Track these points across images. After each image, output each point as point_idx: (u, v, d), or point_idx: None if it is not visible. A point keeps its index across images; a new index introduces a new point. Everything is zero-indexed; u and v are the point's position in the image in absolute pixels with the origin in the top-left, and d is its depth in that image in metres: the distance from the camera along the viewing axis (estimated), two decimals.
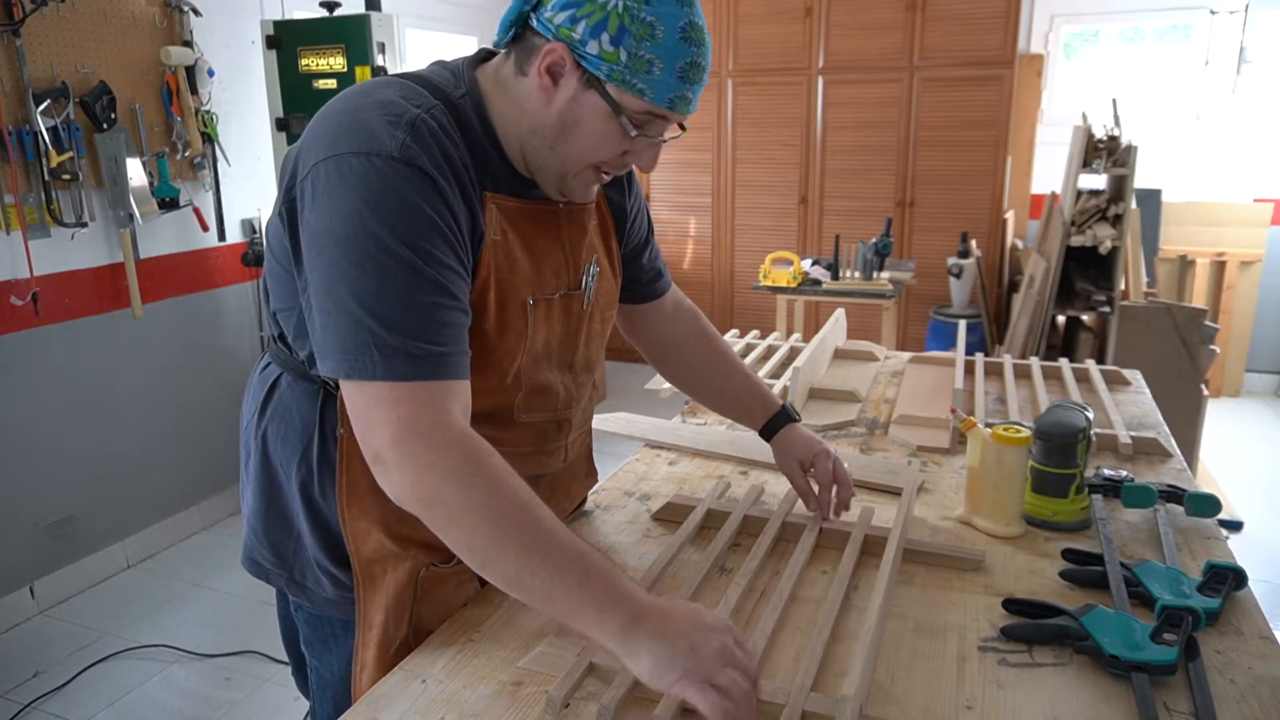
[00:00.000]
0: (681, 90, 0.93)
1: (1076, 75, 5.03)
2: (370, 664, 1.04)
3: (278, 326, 1.06)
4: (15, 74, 2.66)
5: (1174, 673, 0.92)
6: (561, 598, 0.83)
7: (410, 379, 0.85)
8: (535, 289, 1.04)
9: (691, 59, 0.92)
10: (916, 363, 2.12)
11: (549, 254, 1.06)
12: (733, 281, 5.23)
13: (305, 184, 0.90)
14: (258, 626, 2.74)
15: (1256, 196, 4.76)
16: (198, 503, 3.46)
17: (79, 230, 2.86)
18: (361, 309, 0.85)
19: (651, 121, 0.95)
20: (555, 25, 0.91)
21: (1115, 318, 3.42)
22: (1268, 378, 4.97)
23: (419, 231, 0.87)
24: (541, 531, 0.84)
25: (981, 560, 1.17)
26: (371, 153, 0.87)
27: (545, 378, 1.09)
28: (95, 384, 3.04)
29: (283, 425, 1.06)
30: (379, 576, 1.04)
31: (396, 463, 0.85)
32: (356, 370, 0.86)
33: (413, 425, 0.85)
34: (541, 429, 1.13)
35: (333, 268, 0.87)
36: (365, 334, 0.85)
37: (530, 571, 0.83)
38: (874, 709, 0.89)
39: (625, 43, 0.89)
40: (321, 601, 1.10)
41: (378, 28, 3.12)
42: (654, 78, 0.91)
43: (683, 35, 0.91)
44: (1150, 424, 1.70)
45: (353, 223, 0.86)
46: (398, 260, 0.86)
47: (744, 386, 1.34)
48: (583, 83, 0.92)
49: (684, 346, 1.35)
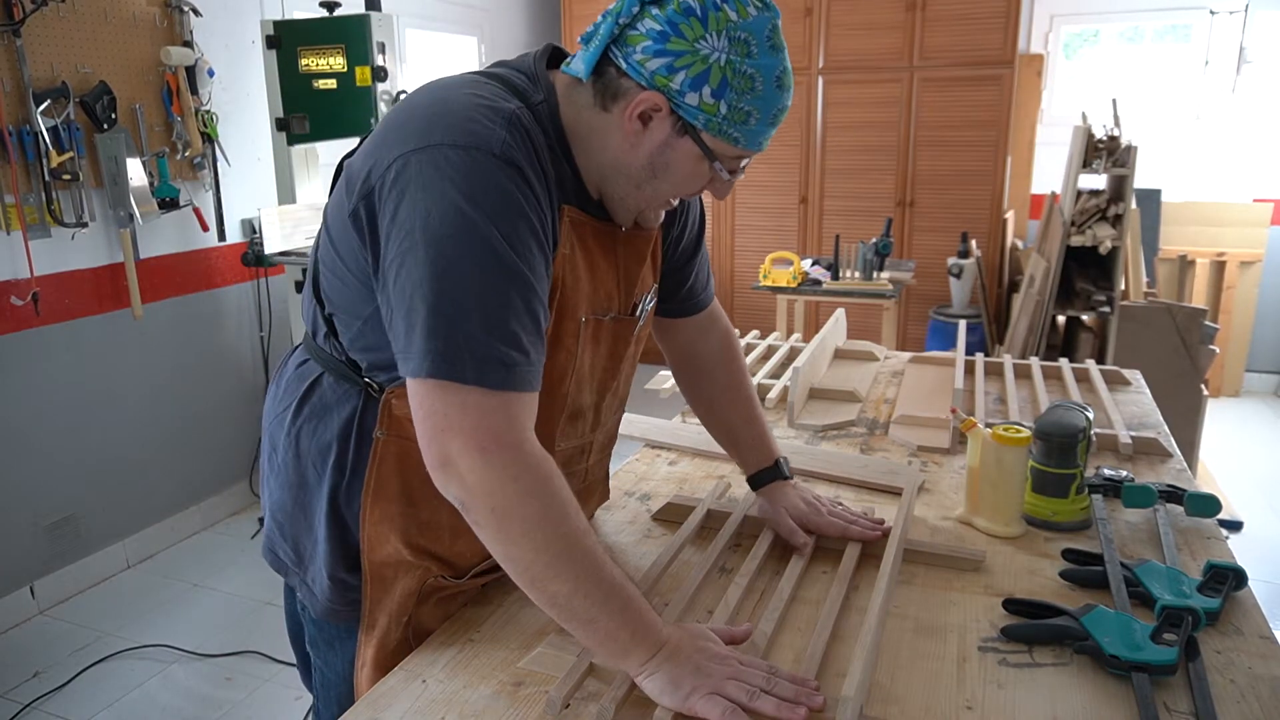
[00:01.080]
0: (769, 133, 0.94)
1: (1076, 75, 5.03)
2: (369, 663, 1.04)
3: (326, 327, 1.02)
4: (15, 74, 2.66)
5: (1174, 673, 0.92)
6: (601, 624, 0.86)
7: (500, 388, 0.83)
8: (591, 308, 1.03)
9: (783, 104, 0.93)
10: (916, 363, 2.12)
11: (606, 275, 1.05)
12: (733, 281, 5.23)
13: (388, 176, 0.86)
14: (258, 626, 2.74)
15: (1256, 196, 4.76)
16: (198, 503, 3.46)
17: (79, 230, 2.87)
18: (457, 309, 0.82)
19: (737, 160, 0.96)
20: (650, 71, 0.89)
21: (1115, 318, 3.42)
22: (1268, 378, 4.97)
23: (519, 231, 0.85)
24: (596, 558, 0.86)
25: (982, 560, 1.17)
26: (470, 146, 0.84)
27: (583, 400, 1.08)
28: (95, 384, 3.04)
29: (320, 426, 1.03)
30: (389, 580, 1.03)
31: (474, 469, 0.83)
32: (445, 371, 0.82)
33: (501, 436, 0.83)
34: (568, 454, 1.12)
35: (427, 265, 0.82)
36: (460, 335, 0.82)
37: (583, 594, 0.85)
38: (874, 709, 0.89)
39: (727, 96, 0.88)
40: (325, 610, 1.09)
41: (378, 28, 3.12)
42: (750, 128, 0.91)
43: (778, 84, 0.91)
44: (1150, 424, 1.70)
45: (452, 218, 0.82)
46: (499, 261, 0.83)
47: (746, 427, 1.29)
48: (676, 130, 0.91)
49: (706, 368, 1.30)
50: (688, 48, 0.87)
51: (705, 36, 0.87)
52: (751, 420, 1.30)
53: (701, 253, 1.26)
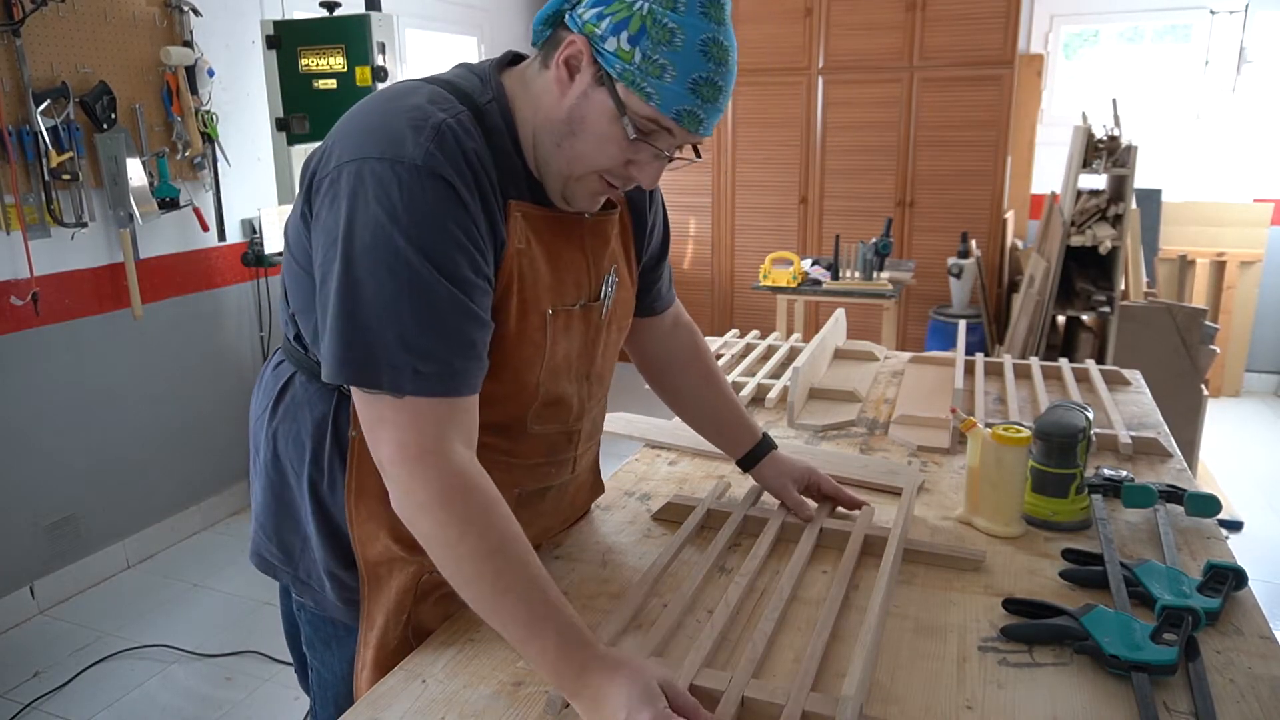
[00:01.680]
0: (691, 105, 0.90)
1: (1076, 75, 5.03)
2: (369, 663, 1.04)
3: (294, 327, 1.05)
4: (15, 74, 2.66)
5: (1174, 672, 0.92)
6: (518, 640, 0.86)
7: (416, 394, 0.86)
8: (556, 300, 1.03)
9: (708, 75, 0.90)
10: (916, 363, 2.12)
11: (571, 264, 1.05)
12: (733, 281, 5.23)
13: (324, 184, 0.90)
14: (258, 626, 2.74)
15: (1256, 196, 4.76)
16: (198, 503, 3.46)
17: (79, 230, 2.86)
18: (374, 320, 0.85)
19: (657, 132, 0.93)
20: (582, 20, 0.91)
21: (1115, 318, 3.42)
22: (1268, 378, 4.97)
23: (439, 244, 0.87)
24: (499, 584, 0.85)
25: (982, 560, 1.17)
26: (395, 159, 0.86)
27: (561, 389, 1.09)
28: (95, 384, 3.04)
29: (294, 425, 1.05)
30: (384, 578, 1.04)
31: (391, 478, 0.88)
32: (363, 380, 0.87)
33: (408, 449, 0.86)
34: (552, 440, 1.12)
35: (347, 274, 0.86)
36: (376, 346, 0.86)
37: (485, 616, 0.87)
38: (874, 709, 0.89)
39: (642, 44, 0.88)
40: (325, 603, 1.10)
41: (378, 28, 3.12)
42: (664, 84, 0.89)
43: (703, 49, 0.89)
44: (1150, 424, 1.70)
45: (372, 231, 0.85)
46: (415, 274, 0.85)
47: (731, 412, 1.34)
48: (595, 79, 0.91)
49: (679, 364, 1.34)
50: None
51: None
52: (731, 407, 1.34)
53: (667, 255, 1.29)
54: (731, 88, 0.94)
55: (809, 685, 0.88)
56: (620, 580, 1.16)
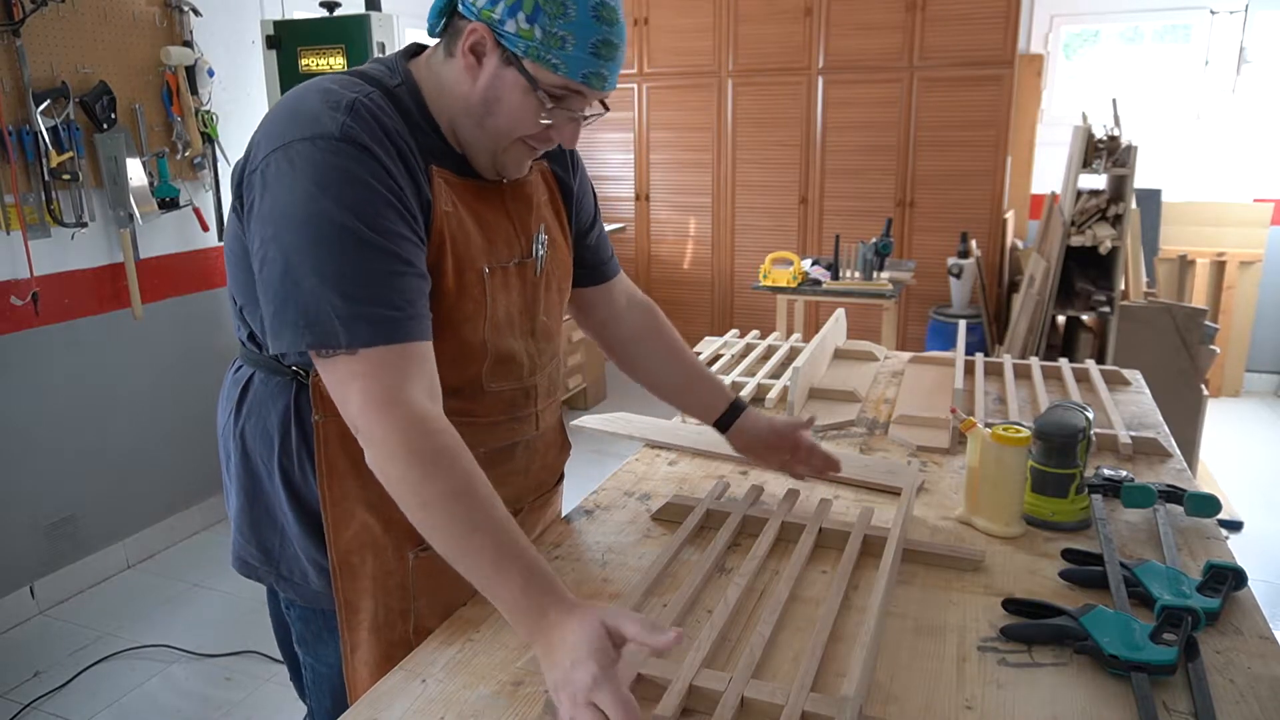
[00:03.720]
0: (595, 66, 0.97)
1: (1076, 75, 5.03)
2: (364, 646, 1.06)
3: (245, 327, 1.09)
4: (15, 74, 2.66)
5: (1174, 673, 0.92)
6: (480, 586, 0.89)
7: (371, 344, 0.90)
8: (489, 258, 1.08)
9: (604, 36, 0.96)
10: (916, 363, 2.12)
11: (498, 226, 1.10)
12: (733, 281, 5.23)
13: (255, 177, 0.95)
14: (258, 626, 2.74)
15: (1256, 196, 4.76)
16: (198, 503, 3.46)
17: (79, 230, 2.87)
18: (321, 283, 0.90)
19: (569, 96, 0.99)
20: (478, 8, 0.96)
21: (1115, 318, 3.42)
22: (1268, 378, 4.97)
23: (368, 204, 0.92)
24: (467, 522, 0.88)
25: (981, 560, 1.17)
26: (315, 136, 0.92)
27: (509, 345, 1.12)
28: (95, 384, 3.04)
29: (260, 421, 1.08)
30: (357, 566, 1.06)
31: (361, 432, 0.91)
32: (320, 340, 0.90)
33: (373, 397, 0.89)
34: (510, 397, 1.16)
35: (290, 249, 0.91)
36: (326, 306, 0.90)
37: (453, 557, 0.89)
38: (874, 709, 0.89)
39: (540, 20, 0.94)
40: (311, 595, 1.11)
41: (378, 28, 3.12)
42: (567, 53, 0.95)
43: (594, 14, 0.95)
44: (1150, 424, 1.70)
45: (305, 204, 0.90)
46: (350, 234, 0.90)
47: (699, 379, 1.37)
48: (503, 60, 0.97)
49: (639, 339, 1.38)
50: None
51: None
52: (699, 375, 1.38)
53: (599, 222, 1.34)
54: (625, 42, 1.01)
55: (809, 685, 0.88)
56: (620, 580, 1.16)
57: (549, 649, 0.84)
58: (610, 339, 1.38)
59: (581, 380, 4.68)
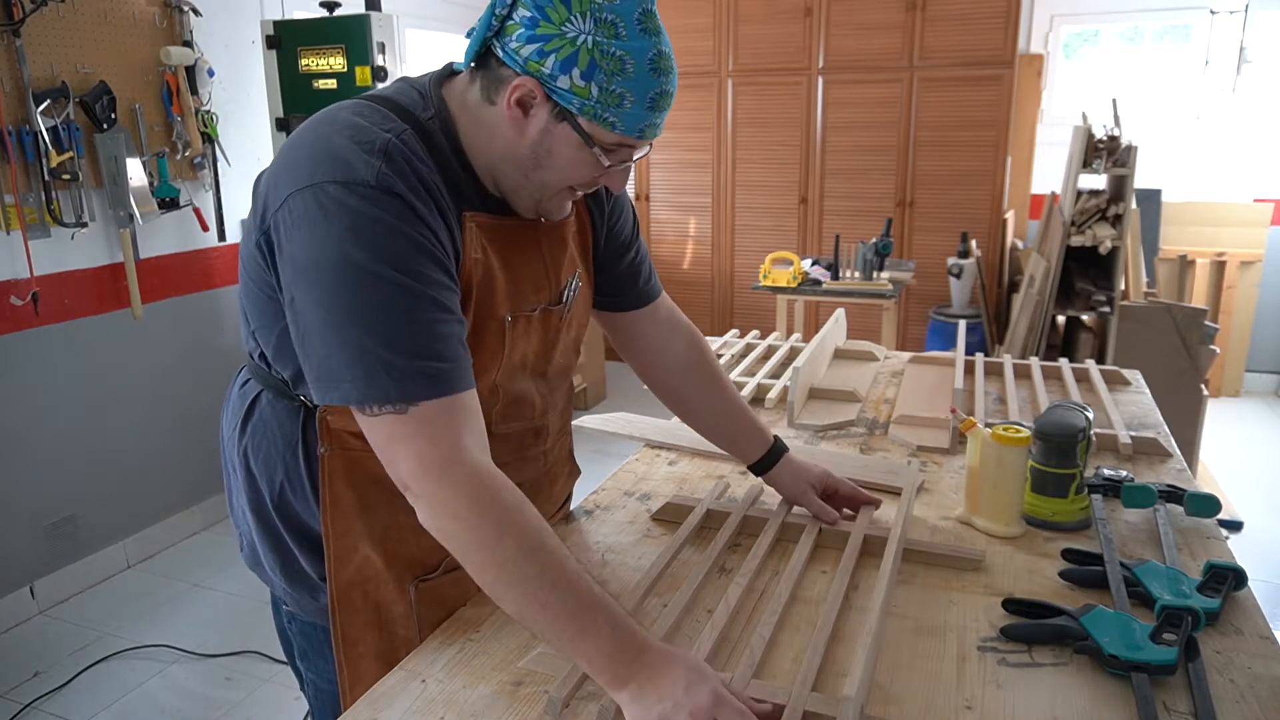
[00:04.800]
0: (651, 119, 0.93)
1: (1076, 75, 5.03)
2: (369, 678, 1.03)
3: (257, 345, 1.05)
4: (15, 74, 2.66)
5: (1174, 673, 0.92)
6: (560, 645, 0.85)
7: (426, 398, 0.86)
8: (513, 306, 1.04)
9: (661, 88, 0.92)
10: (916, 363, 2.12)
11: (529, 270, 1.06)
12: (733, 281, 5.23)
13: (282, 214, 0.89)
14: (258, 626, 2.74)
15: (1256, 196, 4.76)
16: (198, 503, 3.46)
17: (79, 230, 2.86)
18: (366, 336, 0.85)
19: (621, 149, 0.96)
20: (523, 58, 0.90)
21: (1115, 318, 3.42)
22: (1268, 378, 4.97)
23: (405, 254, 0.87)
24: (545, 580, 0.84)
25: (981, 560, 1.17)
26: (349, 182, 0.86)
27: (521, 388, 1.10)
28: (95, 384, 3.04)
29: (264, 442, 1.05)
30: (356, 601, 1.04)
31: (418, 495, 0.87)
32: (371, 397, 0.85)
33: (428, 460, 0.85)
34: (520, 438, 1.13)
35: (328, 298, 0.86)
36: (374, 360, 0.85)
37: (531, 617, 0.85)
38: (874, 709, 0.89)
39: (596, 78, 0.89)
40: (313, 610, 1.10)
41: (378, 28, 3.12)
42: (625, 111, 0.91)
43: (652, 66, 0.91)
44: (1150, 424, 1.70)
45: (340, 253, 0.85)
46: (391, 284, 0.86)
47: (741, 418, 1.30)
48: (554, 115, 0.92)
49: (680, 369, 1.30)
50: (555, 31, 0.88)
51: (571, 19, 0.88)
52: (740, 412, 1.31)
53: (640, 242, 1.26)
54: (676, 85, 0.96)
55: (810, 685, 0.88)
56: (620, 580, 1.16)
57: (652, 679, 0.83)
58: (649, 367, 1.31)
59: (581, 380, 4.68)
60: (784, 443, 1.31)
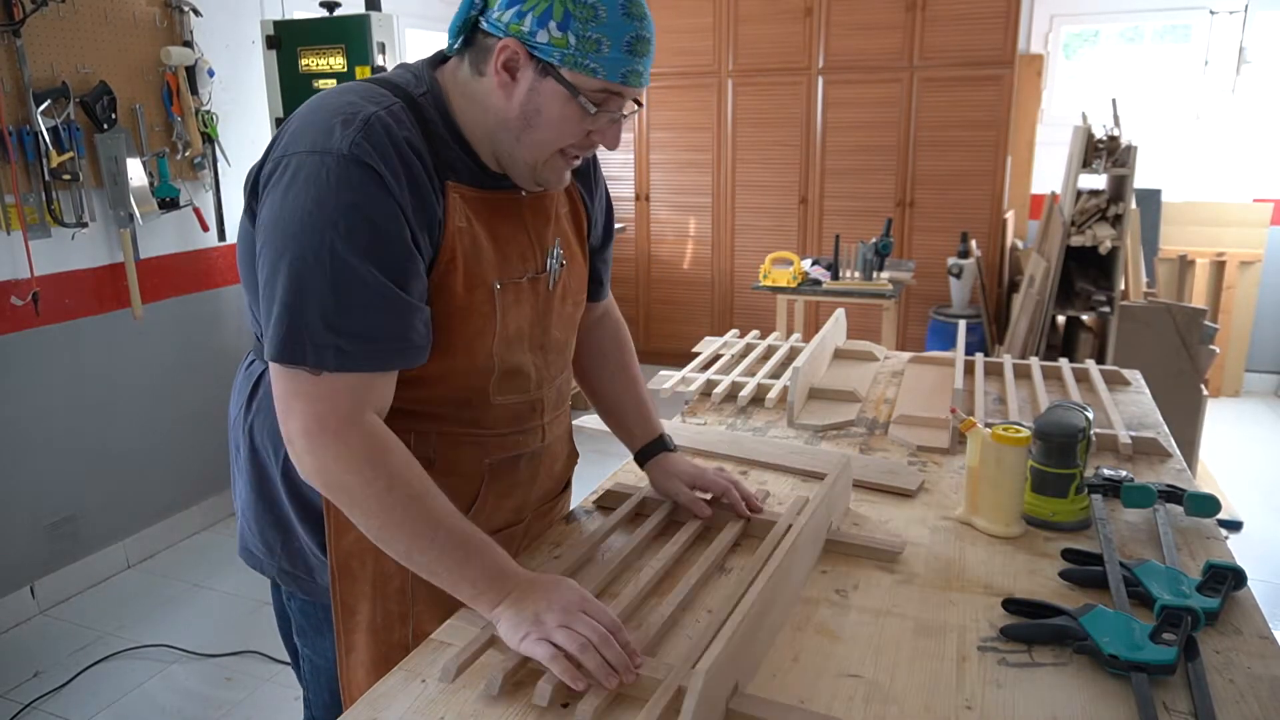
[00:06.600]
0: (631, 64, 0.97)
1: (1076, 75, 5.03)
2: (360, 648, 1.06)
3: (256, 323, 1.09)
4: (15, 74, 2.66)
5: (1173, 673, 0.92)
6: (444, 576, 0.95)
7: (333, 370, 0.92)
8: (501, 273, 1.07)
9: (636, 32, 0.97)
10: (916, 363, 2.12)
11: (513, 240, 1.09)
12: (733, 281, 5.23)
13: (265, 182, 0.96)
14: (258, 626, 2.74)
15: (1256, 196, 4.76)
16: (198, 503, 3.46)
17: (79, 230, 2.87)
18: (298, 300, 0.91)
19: (609, 99, 0.99)
20: (504, 23, 0.95)
21: (1115, 318, 3.42)
22: (1268, 378, 4.97)
23: (362, 230, 0.92)
24: (431, 520, 0.93)
25: (901, 551, 1.18)
26: (323, 151, 0.92)
27: (517, 359, 1.12)
28: (95, 384, 3.04)
29: (269, 418, 1.08)
30: (356, 570, 1.06)
31: (306, 450, 0.93)
32: (286, 356, 0.91)
33: (325, 421, 0.92)
34: (516, 410, 1.16)
35: (278, 259, 0.92)
36: (299, 323, 0.91)
37: (419, 551, 0.94)
38: (874, 709, 0.89)
39: (572, 26, 0.94)
40: (312, 588, 1.12)
41: (378, 28, 3.12)
42: (604, 55, 0.95)
43: (625, 12, 0.95)
44: (1150, 424, 1.70)
45: (301, 219, 0.91)
46: (337, 258, 0.91)
47: (635, 407, 1.36)
48: (538, 72, 0.97)
49: (598, 353, 1.37)
50: None
51: None
52: (639, 403, 1.37)
53: (610, 248, 1.34)
54: (654, 35, 1.01)
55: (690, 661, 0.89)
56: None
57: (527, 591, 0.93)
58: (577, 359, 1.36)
59: None
60: (670, 443, 1.35)
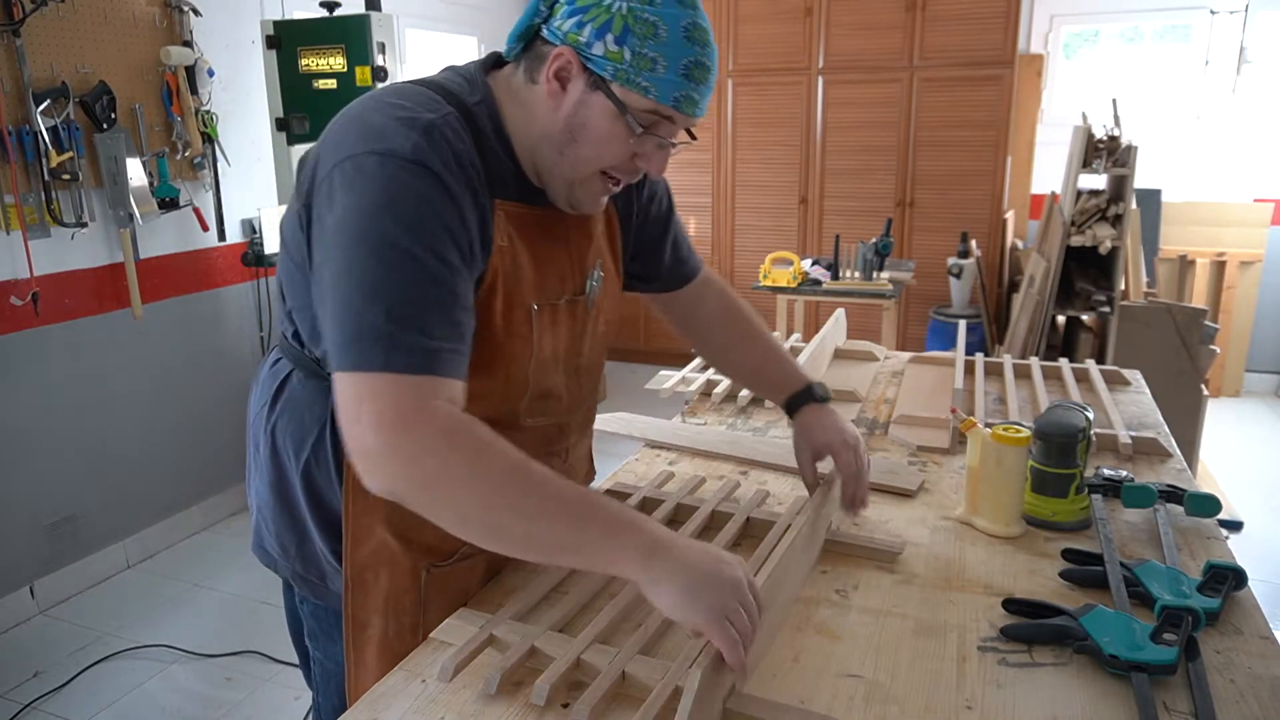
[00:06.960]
0: (686, 90, 0.93)
1: (1076, 75, 5.03)
2: (372, 664, 1.05)
3: (291, 325, 1.07)
4: (15, 74, 2.66)
5: (1174, 673, 0.92)
6: (573, 540, 0.85)
7: (402, 371, 0.84)
8: (540, 295, 1.05)
9: (695, 58, 0.93)
10: (916, 363, 2.12)
11: (554, 261, 1.07)
12: (733, 281, 5.22)
13: (323, 186, 0.91)
14: (258, 626, 2.74)
15: (1256, 196, 4.76)
16: (198, 503, 3.46)
17: (79, 230, 2.86)
18: (366, 302, 0.85)
19: (658, 122, 0.96)
20: (564, 32, 0.93)
21: (1115, 318, 3.42)
22: (1268, 378, 4.97)
23: (429, 230, 0.88)
24: (533, 484, 0.84)
25: (900, 551, 1.18)
26: (386, 153, 0.88)
27: (551, 382, 1.10)
28: (95, 384, 3.04)
29: (292, 421, 1.07)
30: (370, 583, 1.05)
31: (381, 453, 0.83)
32: (352, 360, 0.84)
33: (394, 415, 0.82)
34: (545, 433, 1.14)
35: (344, 262, 0.87)
36: (367, 326, 0.84)
37: (533, 523, 0.84)
38: (874, 709, 0.89)
39: (629, 42, 0.90)
40: (325, 594, 1.11)
41: (378, 28, 3.12)
42: (658, 76, 0.92)
43: (686, 34, 0.92)
44: (1150, 424, 1.70)
45: (366, 219, 0.87)
46: (407, 256, 0.86)
47: (767, 360, 1.34)
48: (589, 84, 0.94)
49: (711, 324, 1.36)
50: (593, 2, 0.91)
51: None
52: (772, 357, 1.34)
53: (674, 229, 1.29)
54: (716, 65, 0.97)
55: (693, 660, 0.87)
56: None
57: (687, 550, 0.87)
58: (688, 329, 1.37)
59: None
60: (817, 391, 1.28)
